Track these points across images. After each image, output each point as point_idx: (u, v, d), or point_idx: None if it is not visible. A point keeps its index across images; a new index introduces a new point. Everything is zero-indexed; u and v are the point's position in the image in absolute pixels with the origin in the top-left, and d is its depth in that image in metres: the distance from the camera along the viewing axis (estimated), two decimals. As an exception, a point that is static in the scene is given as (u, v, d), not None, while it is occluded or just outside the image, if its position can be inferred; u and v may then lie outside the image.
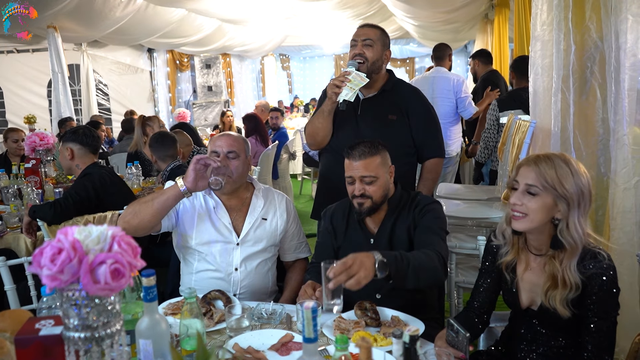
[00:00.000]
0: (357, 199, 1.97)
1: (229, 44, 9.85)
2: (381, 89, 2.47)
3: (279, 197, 2.32)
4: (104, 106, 9.35)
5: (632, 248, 2.50)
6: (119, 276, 0.97)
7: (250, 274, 2.19)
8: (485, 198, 3.50)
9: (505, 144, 3.37)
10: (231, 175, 2.11)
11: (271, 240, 2.24)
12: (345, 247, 2.09)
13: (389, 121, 2.42)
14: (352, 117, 2.45)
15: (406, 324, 1.71)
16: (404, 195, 2.08)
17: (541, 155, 1.61)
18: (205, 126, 9.82)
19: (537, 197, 1.57)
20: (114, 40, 8.31)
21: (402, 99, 2.49)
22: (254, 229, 2.20)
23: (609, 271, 1.56)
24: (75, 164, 2.99)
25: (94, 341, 1.01)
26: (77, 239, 0.97)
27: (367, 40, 2.40)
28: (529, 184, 1.57)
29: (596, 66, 2.59)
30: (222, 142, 2.16)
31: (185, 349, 1.44)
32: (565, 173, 1.55)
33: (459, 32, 8.90)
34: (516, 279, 1.73)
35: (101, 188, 2.86)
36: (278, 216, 2.27)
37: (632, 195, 2.56)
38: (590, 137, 2.63)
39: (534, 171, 1.57)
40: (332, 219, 2.15)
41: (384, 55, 2.45)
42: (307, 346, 1.05)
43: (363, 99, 2.47)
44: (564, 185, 1.54)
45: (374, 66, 2.41)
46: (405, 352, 1.04)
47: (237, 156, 2.15)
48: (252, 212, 2.21)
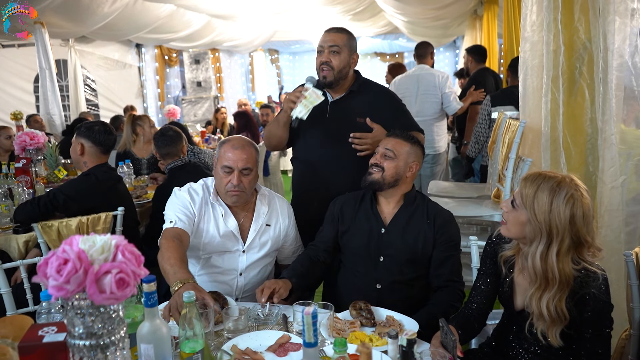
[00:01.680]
0: (371, 168, 2.11)
1: (218, 39, 9.80)
2: (349, 90, 2.49)
3: (280, 202, 2.31)
4: (92, 102, 9.25)
5: (619, 245, 2.56)
6: (124, 285, 0.98)
7: (253, 278, 2.21)
8: (476, 196, 3.55)
9: (495, 142, 3.42)
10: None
11: (275, 245, 2.26)
12: (352, 231, 2.15)
13: (358, 124, 2.41)
14: (320, 121, 2.45)
15: (400, 323, 1.74)
16: (419, 195, 2.17)
17: (541, 176, 1.59)
18: (194, 122, 9.76)
19: (516, 211, 1.61)
20: (101, 35, 8.22)
21: (370, 98, 2.52)
22: (259, 236, 2.20)
23: (602, 289, 1.57)
24: (83, 160, 2.91)
25: (99, 348, 1.02)
26: (82, 249, 0.98)
27: (334, 47, 2.39)
28: (515, 197, 1.63)
29: (585, 67, 2.63)
30: (237, 157, 2.08)
31: (184, 352, 1.46)
32: (543, 203, 1.54)
33: (448, 28, 8.94)
34: (512, 278, 1.75)
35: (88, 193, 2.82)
36: (281, 221, 2.27)
37: (619, 193, 2.62)
38: (579, 136, 2.68)
39: (521, 188, 1.60)
40: (342, 205, 2.20)
41: (351, 59, 2.46)
42: (307, 350, 1.08)
43: (331, 102, 2.48)
44: (535, 214, 1.54)
45: (341, 73, 2.42)
46: (403, 355, 1.07)
47: (251, 171, 2.11)
48: (257, 219, 2.20)
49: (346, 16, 8.61)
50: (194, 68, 10.57)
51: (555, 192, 1.54)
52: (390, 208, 2.12)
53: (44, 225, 2.54)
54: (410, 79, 4.61)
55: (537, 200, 1.55)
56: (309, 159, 2.51)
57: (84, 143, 2.87)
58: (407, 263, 2.06)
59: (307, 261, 2.14)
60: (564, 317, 1.57)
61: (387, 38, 13.04)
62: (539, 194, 1.55)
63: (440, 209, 2.12)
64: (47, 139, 4.12)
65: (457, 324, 1.75)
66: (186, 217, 2.07)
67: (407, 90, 4.53)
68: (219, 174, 2.11)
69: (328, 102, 2.48)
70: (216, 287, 2.12)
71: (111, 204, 2.81)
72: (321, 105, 2.36)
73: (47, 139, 4.12)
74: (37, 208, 2.70)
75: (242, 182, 2.08)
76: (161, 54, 10.22)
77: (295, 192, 2.67)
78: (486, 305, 1.85)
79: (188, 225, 2.06)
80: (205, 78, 10.60)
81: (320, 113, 2.43)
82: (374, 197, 2.15)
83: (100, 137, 2.88)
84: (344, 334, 1.67)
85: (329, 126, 2.47)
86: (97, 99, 9.40)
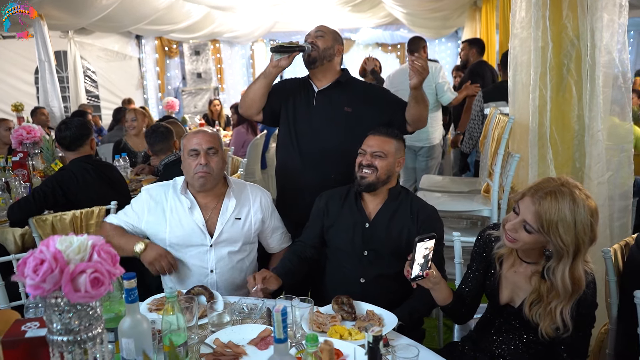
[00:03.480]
0: (363, 170, 2.11)
1: (218, 31, 9.78)
2: (335, 81, 2.55)
3: (253, 193, 2.30)
4: (93, 93, 9.29)
5: (604, 240, 2.59)
6: (98, 284, 1.03)
7: (227, 274, 2.21)
8: (467, 190, 3.58)
9: (486, 137, 3.44)
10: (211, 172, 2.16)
11: (246, 239, 2.25)
12: (337, 226, 2.19)
13: (345, 113, 2.48)
14: (306, 109, 2.54)
15: (380, 317, 1.78)
16: (403, 190, 2.20)
17: (553, 193, 1.51)
18: (194, 113, 9.78)
19: (532, 235, 1.56)
20: (101, 27, 8.23)
21: (357, 92, 2.57)
22: (227, 229, 2.19)
23: (592, 290, 1.60)
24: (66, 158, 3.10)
25: (77, 344, 1.07)
26: (58, 250, 1.02)
27: (319, 32, 2.55)
28: (528, 222, 1.54)
29: (572, 63, 2.65)
30: (200, 139, 2.17)
31: (167, 345, 1.51)
32: (567, 227, 1.48)
33: (448, 20, 8.90)
34: (500, 273, 1.77)
35: (66, 186, 2.90)
36: (252, 214, 2.26)
37: (605, 189, 2.66)
38: (566, 132, 2.71)
39: (537, 212, 1.51)
40: (328, 200, 2.24)
41: (335, 47, 2.55)
42: (277, 346, 1.12)
43: (318, 91, 2.55)
44: (562, 240, 1.49)
45: (325, 52, 2.51)
46: (369, 351, 1.12)
47: (217, 152, 2.18)
48: (224, 213, 2.20)
49: (345, 7, 8.58)
50: (194, 59, 10.56)
51: (575, 207, 1.48)
52: (375, 203, 2.16)
53: (38, 219, 2.59)
54: (403, 73, 4.61)
55: (562, 227, 1.48)
56: (294, 146, 2.54)
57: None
58: (391, 257, 2.09)
59: (295, 258, 2.18)
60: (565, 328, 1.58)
61: (388, 29, 12.97)
62: (562, 223, 1.48)
63: (423, 204, 2.16)
64: (48, 132, 4.17)
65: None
66: (133, 220, 2.23)
67: (401, 83, 4.53)
68: (187, 161, 2.18)
69: (315, 92, 2.55)
70: (190, 285, 2.12)
71: (102, 191, 2.94)
72: (307, 95, 2.55)
73: (48, 132, 4.17)
74: (33, 203, 2.76)
75: (209, 163, 2.15)
76: (161, 45, 10.21)
77: (279, 181, 2.70)
78: (476, 291, 1.86)
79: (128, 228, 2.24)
80: (205, 69, 10.60)
81: (306, 102, 2.54)
82: (358, 192, 2.18)
83: (58, 134, 3.06)
84: (325, 328, 1.72)
85: (315, 115, 2.53)
86: (98, 90, 9.43)
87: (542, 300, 1.62)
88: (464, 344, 1.91)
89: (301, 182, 2.52)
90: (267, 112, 2.58)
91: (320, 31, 2.55)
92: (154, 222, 2.19)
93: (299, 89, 2.59)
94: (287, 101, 2.57)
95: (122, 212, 2.29)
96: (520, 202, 1.59)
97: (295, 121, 2.54)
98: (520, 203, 1.59)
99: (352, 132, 2.44)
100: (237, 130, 4.97)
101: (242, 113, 2.68)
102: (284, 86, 2.65)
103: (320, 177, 2.47)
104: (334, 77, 2.56)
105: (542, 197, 1.51)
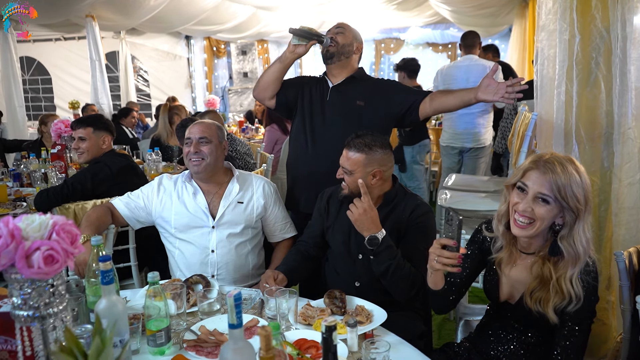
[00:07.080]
0: (341, 183, 2.09)
1: (264, 31, 9.94)
2: (350, 77, 2.58)
3: (257, 181, 2.41)
4: (144, 92, 9.68)
5: (637, 245, 2.43)
6: (53, 262, 1.06)
7: (227, 255, 2.30)
8: (492, 190, 3.44)
9: (514, 135, 3.31)
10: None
11: (248, 222, 2.34)
12: (334, 228, 2.17)
13: (357, 107, 2.52)
14: (320, 104, 2.58)
15: (370, 312, 1.75)
16: (400, 191, 2.13)
17: (553, 161, 1.55)
18: (240, 112, 9.99)
19: (549, 206, 1.55)
20: (151, 28, 8.55)
21: (368, 86, 2.60)
22: (229, 212, 2.30)
23: (595, 280, 1.57)
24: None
25: (37, 319, 1.11)
26: (17, 226, 1.07)
27: (339, 28, 2.59)
28: (544, 193, 1.54)
29: (601, 57, 2.49)
30: (194, 129, 2.32)
31: (150, 330, 1.55)
32: (578, 186, 1.53)
33: (496, 17, 8.60)
34: (500, 273, 1.73)
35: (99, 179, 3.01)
36: (254, 200, 2.36)
37: (637, 190, 2.48)
38: (594, 130, 2.55)
39: (548, 180, 1.53)
40: (329, 199, 2.23)
41: (355, 45, 2.59)
42: (232, 332, 1.12)
43: (332, 87, 2.59)
44: (577, 199, 1.52)
45: (344, 49, 2.56)
46: (323, 341, 1.09)
47: (209, 142, 2.29)
48: (227, 196, 2.32)
49: (390, 5, 8.48)
50: (241, 59, 10.78)
51: (579, 171, 1.54)
52: None
53: (61, 208, 2.72)
54: (458, 70, 4.48)
55: (575, 190, 1.52)
56: (307, 139, 2.57)
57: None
58: None
59: (299, 256, 2.19)
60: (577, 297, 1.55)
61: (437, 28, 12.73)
62: (574, 185, 1.53)
63: (418, 203, 2.10)
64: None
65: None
66: (136, 203, 2.34)
67: (455, 80, 4.39)
68: (184, 149, 2.32)
69: (329, 88, 2.59)
70: (193, 265, 2.27)
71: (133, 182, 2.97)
72: (322, 90, 2.59)
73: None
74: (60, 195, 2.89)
75: (201, 150, 2.27)
76: (209, 45, 10.50)
77: (290, 172, 2.72)
78: (465, 281, 1.80)
79: (129, 211, 2.33)
80: (251, 69, 10.79)
81: (320, 97, 2.59)
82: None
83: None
84: (311, 321, 1.71)
85: (328, 109, 2.57)
86: (149, 88, 9.81)
87: (546, 282, 1.58)
88: (461, 345, 1.86)
89: (312, 175, 2.53)
90: (283, 101, 2.64)
91: (341, 27, 2.59)
92: (159, 205, 2.34)
93: (316, 84, 2.65)
94: (303, 94, 2.62)
95: (131, 193, 2.41)
96: (527, 180, 1.57)
97: (309, 114, 2.59)
98: (527, 181, 1.57)
99: (364, 126, 2.40)
100: (270, 129, 5.06)
101: (255, 96, 2.73)
102: (302, 80, 2.73)
103: (332, 170, 2.44)
104: (350, 73, 2.60)
105: (549, 166, 1.54)
